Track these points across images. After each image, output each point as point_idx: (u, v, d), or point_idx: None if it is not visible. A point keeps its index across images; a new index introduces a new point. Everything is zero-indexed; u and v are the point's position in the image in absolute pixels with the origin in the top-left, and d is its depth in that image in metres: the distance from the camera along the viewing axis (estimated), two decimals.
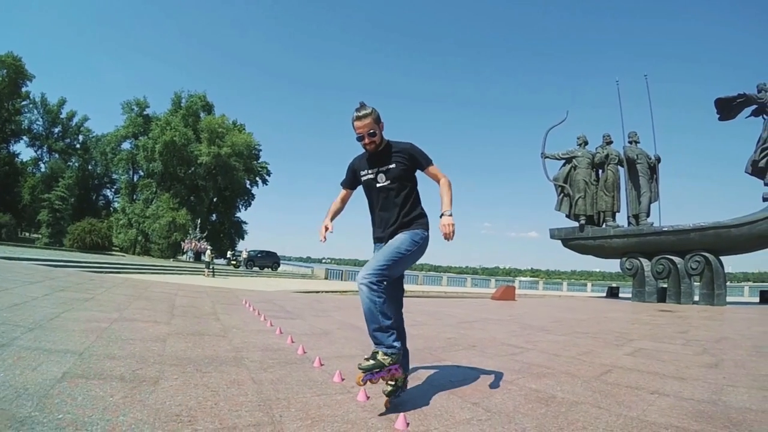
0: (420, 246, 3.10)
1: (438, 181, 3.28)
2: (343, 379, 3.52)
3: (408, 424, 2.54)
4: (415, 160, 3.21)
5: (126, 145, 54.60)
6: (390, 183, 3.15)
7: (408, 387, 3.24)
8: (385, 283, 2.86)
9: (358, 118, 3.08)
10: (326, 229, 3.35)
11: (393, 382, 2.95)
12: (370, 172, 3.22)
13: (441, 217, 3.14)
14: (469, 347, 5.62)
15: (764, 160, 17.45)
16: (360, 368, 2.80)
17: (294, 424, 2.45)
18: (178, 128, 48.48)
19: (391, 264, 2.90)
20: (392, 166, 3.14)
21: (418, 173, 3.33)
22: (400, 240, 3.04)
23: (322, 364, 4.02)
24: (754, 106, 18.11)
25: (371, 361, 2.81)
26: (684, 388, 3.82)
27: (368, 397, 3.03)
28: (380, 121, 3.16)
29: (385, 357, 2.82)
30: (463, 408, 2.98)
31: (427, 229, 3.20)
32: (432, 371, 4.14)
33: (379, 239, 3.23)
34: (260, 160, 57.93)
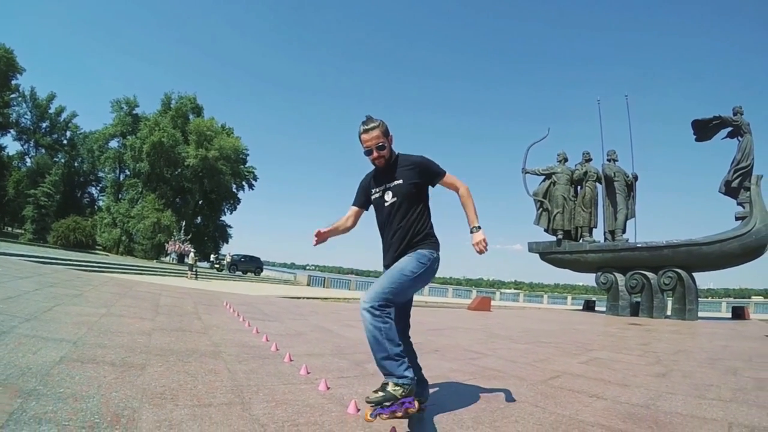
0: (428, 268, 2.86)
1: (457, 191, 3.08)
2: (308, 373, 3.93)
3: (359, 410, 2.92)
4: (426, 174, 2.99)
5: (113, 144, 54.07)
6: (398, 200, 2.93)
7: (367, 386, 3.66)
8: (389, 308, 2.64)
9: (366, 131, 2.93)
10: (318, 234, 3.10)
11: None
12: (377, 189, 3.04)
13: (471, 233, 3.00)
14: (431, 351, 6.05)
15: (737, 181, 18.04)
16: (368, 401, 2.63)
17: (260, 405, 2.87)
18: (166, 129, 48.19)
19: (396, 288, 2.68)
20: (400, 181, 2.93)
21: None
22: (406, 261, 2.82)
23: (291, 360, 4.44)
24: (730, 128, 18.73)
25: (380, 394, 2.61)
26: (624, 393, 4.09)
27: (328, 388, 3.45)
28: (389, 134, 3.00)
29: (397, 388, 2.60)
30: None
31: (436, 249, 2.95)
32: None
33: (388, 266, 2.95)
34: (247, 165, 57.71)
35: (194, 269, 28.68)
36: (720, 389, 4.48)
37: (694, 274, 18.84)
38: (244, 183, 58.12)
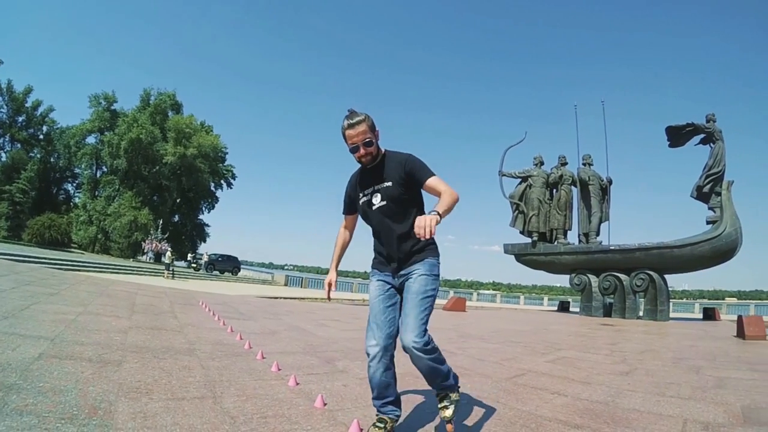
0: (438, 278, 2.72)
1: (439, 195, 2.61)
2: (279, 369, 4.10)
3: (325, 404, 3.11)
4: (413, 174, 2.65)
5: (91, 140, 53.22)
6: (387, 204, 2.66)
7: (335, 381, 3.87)
8: (429, 335, 2.52)
9: (351, 126, 2.62)
10: (330, 286, 3.04)
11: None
12: (365, 192, 2.76)
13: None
14: (399, 350, 6.24)
15: (708, 186, 18.48)
16: (447, 420, 2.67)
17: (231, 399, 3.04)
18: (145, 126, 47.63)
19: (429, 313, 2.54)
20: (389, 184, 2.66)
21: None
22: (422, 281, 2.59)
23: (264, 357, 4.61)
24: (702, 135, 19.17)
25: (451, 407, 2.69)
26: (585, 390, 4.21)
27: (298, 384, 3.62)
28: (375, 129, 2.70)
29: (456, 393, 2.76)
30: None
31: (438, 256, 2.76)
32: (359, 367, 4.72)
33: (382, 267, 2.79)
34: (226, 163, 57.29)
35: (171, 268, 28.57)
36: (680, 387, 4.60)
37: (666, 276, 19.31)
38: (222, 181, 57.61)
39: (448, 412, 2.66)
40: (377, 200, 2.68)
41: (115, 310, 7.18)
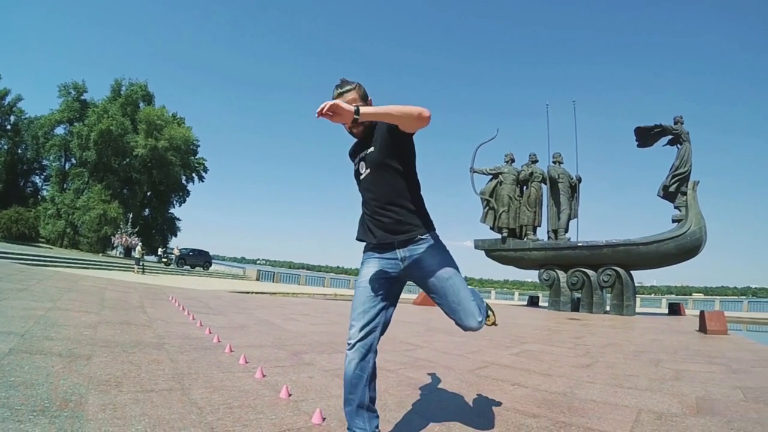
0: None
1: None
2: (247, 362, 4.22)
3: (290, 394, 3.24)
4: (393, 131, 2.29)
5: (60, 131, 51.63)
6: (370, 172, 2.39)
7: (301, 373, 4.00)
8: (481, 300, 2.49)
9: (341, 95, 2.38)
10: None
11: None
12: (355, 161, 2.52)
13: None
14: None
15: (674, 186, 19.05)
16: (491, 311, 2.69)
17: (199, 391, 3.16)
18: (115, 117, 46.46)
19: (465, 285, 2.38)
20: (373, 149, 2.38)
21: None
22: (441, 267, 2.33)
23: (232, 351, 4.73)
24: (670, 137, 19.74)
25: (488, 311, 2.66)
26: (545, 382, 4.35)
27: (264, 376, 3.75)
28: (368, 98, 2.46)
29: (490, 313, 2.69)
30: (341, 387, 3.66)
31: (434, 230, 2.47)
32: (326, 359, 4.86)
33: (372, 247, 2.44)
34: (198, 156, 56.45)
35: (141, 263, 28.33)
36: (638, 379, 4.76)
37: (635, 272, 19.93)
38: (194, 175, 56.74)
39: (492, 318, 2.69)
40: (363, 168, 2.42)
41: (85, 305, 7.20)
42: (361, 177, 2.43)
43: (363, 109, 2.13)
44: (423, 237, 2.35)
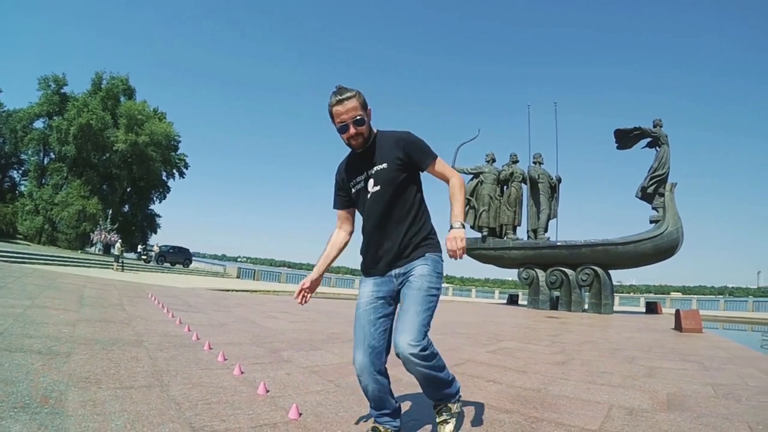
0: (442, 276, 2.41)
1: (447, 182, 2.44)
2: (225, 359, 4.28)
3: (268, 391, 3.30)
4: (414, 155, 2.37)
5: (39, 124, 50.58)
6: (382, 189, 2.34)
7: (279, 370, 4.07)
8: (429, 339, 2.22)
9: (339, 102, 2.29)
10: (301, 291, 2.52)
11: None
12: (359, 179, 2.43)
13: (450, 229, 2.31)
14: (347, 341, 6.45)
15: (652, 187, 19.41)
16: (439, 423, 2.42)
17: (178, 387, 3.22)
18: (95, 111, 45.72)
19: (431, 314, 2.25)
20: (383, 166, 2.34)
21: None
22: (426, 278, 2.30)
23: (211, 348, 4.80)
24: (649, 139, 20.11)
25: (451, 422, 2.44)
26: (520, 379, 4.43)
27: (242, 372, 3.82)
28: (367, 107, 2.37)
29: (457, 404, 2.51)
30: (319, 383, 3.75)
31: (441, 252, 2.43)
32: (304, 357, 4.93)
33: (372, 271, 2.44)
34: (179, 152, 55.81)
35: (120, 260, 28.03)
36: (612, 376, 4.86)
37: (615, 271, 20.30)
38: (174, 171, 56.09)
39: (448, 428, 2.40)
40: (371, 185, 2.36)
41: (64, 303, 7.21)
42: (369, 194, 2.37)
43: (462, 223, 2.30)
44: (424, 255, 2.35)
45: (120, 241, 34.65)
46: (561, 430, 2.85)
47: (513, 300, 26.96)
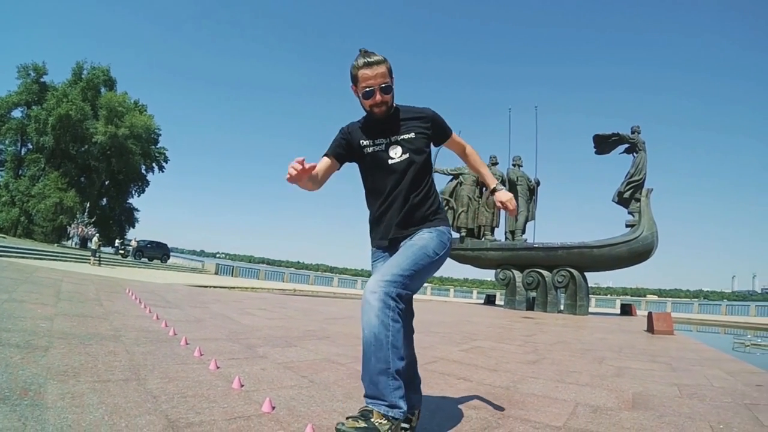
0: (447, 250, 2.34)
1: (464, 150, 2.59)
2: (201, 354, 4.37)
3: (243, 385, 3.39)
4: (439, 130, 2.43)
5: (17, 114, 49.53)
6: (409, 158, 2.30)
7: (254, 365, 4.17)
8: (405, 299, 2.08)
9: (368, 65, 2.20)
10: (299, 167, 2.05)
11: None
12: (377, 142, 2.34)
13: (496, 191, 2.54)
14: (323, 338, 6.59)
15: (629, 192, 19.87)
16: (340, 430, 1.85)
17: (154, 381, 3.31)
18: (75, 101, 45.21)
19: (418, 269, 2.10)
20: (411, 135, 2.31)
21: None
22: (427, 239, 2.24)
23: (187, 343, 4.87)
24: (627, 145, 20.55)
25: (361, 424, 1.89)
26: (490, 377, 4.53)
27: (218, 367, 3.90)
28: (393, 76, 2.29)
29: (384, 422, 1.94)
30: (293, 378, 3.85)
31: (450, 225, 2.48)
32: (279, 353, 5.03)
33: (385, 244, 2.38)
34: (159, 145, 55.30)
35: (98, 255, 27.78)
36: (581, 375, 4.98)
37: (593, 273, 20.70)
38: (154, 164, 55.55)
39: (350, 423, 1.90)
40: (397, 153, 2.30)
41: (41, 297, 7.22)
42: (392, 161, 2.31)
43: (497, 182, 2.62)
44: (434, 227, 2.34)
45: (97, 235, 34.23)
46: (526, 426, 2.95)
47: (490, 300, 27.29)
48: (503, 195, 2.52)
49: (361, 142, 2.36)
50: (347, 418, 1.95)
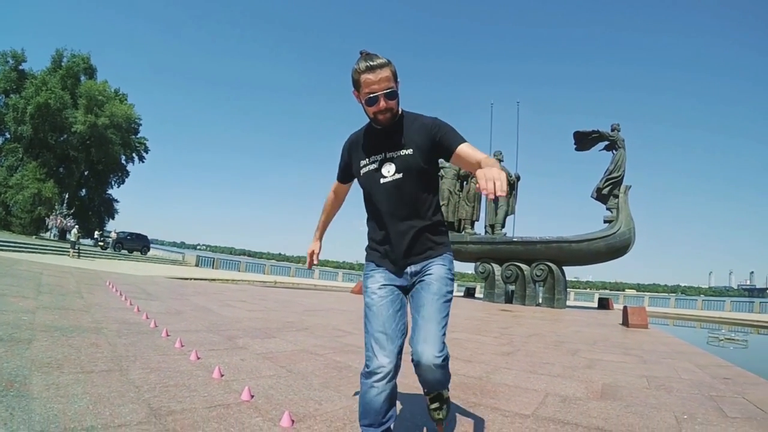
0: (454, 278, 2.25)
1: (478, 165, 1.88)
2: (182, 346, 4.49)
3: (222, 375, 3.52)
4: (443, 143, 2.04)
5: None
6: (403, 178, 2.07)
7: (234, 356, 4.30)
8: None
9: (371, 69, 1.97)
10: (312, 256, 2.57)
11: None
12: (372, 159, 2.15)
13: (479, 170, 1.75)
14: (302, 329, 6.72)
15: (608, 189, 20.14)
16: (440, 421, 2.33)
17: (137, 371, 3.42)
18: (54, 90, 44.04)
19: (448, 321, 2.10)
20: (408, 151, 2.07)
21: None
22: (442, 283, 2.11)
23: (168, 335, 4.99)
24: (607, 142, 20.82)
25: (445, 408, 2.33)
26: (464, 368, 4.66)
27: (199, 358, 4.03)
28: (398, 79, 2.05)
29: (447, 390, 2.37)
30: (271, 368, 3.99)
31: (452, 253, 2.27)
32: (258, 344, 5.16)
33: (385, 262, 2.20)
34: (139, 135, 54.25)
35: (77, 246, 27.47)
36: (553, 366, 5.13)
37: (572, 267, 20.95)
38: (134, 154, 54.51)
39: (443, 413, 2.31)
40: (389, 171, 2.09)
41: (22, 290, 7.26)
42: (383, 180, 2.10)
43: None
44: (439, 255, 2.16)
45: (77, 226, 33.78)
46: (495, 415, 3.11)
47: (470, 293, 27.52)
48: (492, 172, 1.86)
49: (359, 162, 2.21)
50: (432, 410, 2.32)
